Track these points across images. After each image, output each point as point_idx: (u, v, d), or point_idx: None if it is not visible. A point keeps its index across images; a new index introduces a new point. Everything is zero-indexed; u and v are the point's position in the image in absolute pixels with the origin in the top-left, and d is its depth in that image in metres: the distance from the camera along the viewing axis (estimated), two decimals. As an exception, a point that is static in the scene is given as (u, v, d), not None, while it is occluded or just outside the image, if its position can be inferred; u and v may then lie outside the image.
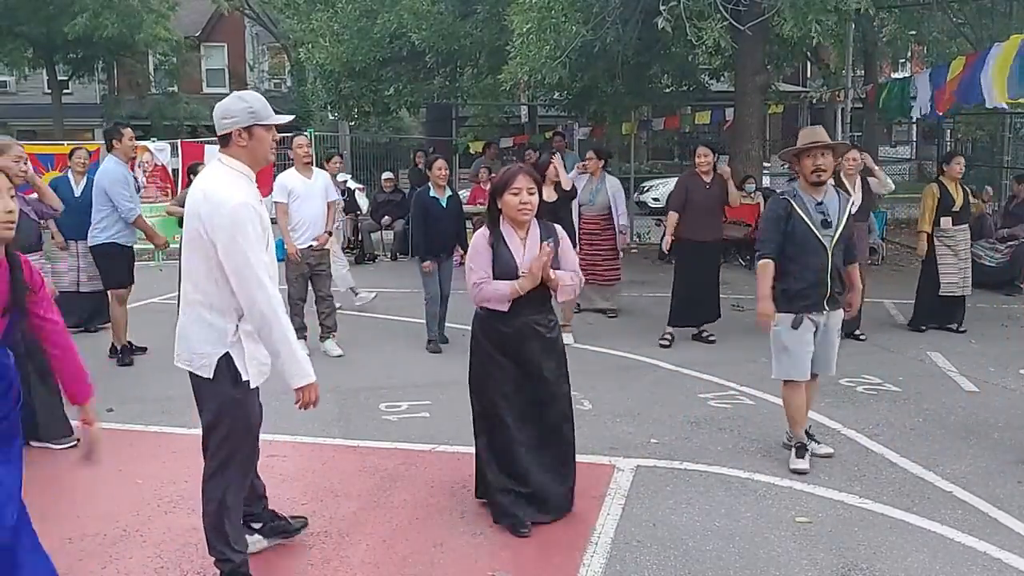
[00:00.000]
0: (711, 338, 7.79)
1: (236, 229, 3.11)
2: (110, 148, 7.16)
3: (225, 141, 3.32)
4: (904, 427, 5.47)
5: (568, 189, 7.87)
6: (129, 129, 7.36)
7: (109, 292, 7.27)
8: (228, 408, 3.34)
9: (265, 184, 13.49)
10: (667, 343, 7.68)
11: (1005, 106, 8.86)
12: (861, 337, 7.79)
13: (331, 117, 22.07)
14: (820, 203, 4.66)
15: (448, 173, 7.72)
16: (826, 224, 4.64)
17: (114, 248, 7.06)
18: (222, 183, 3.22)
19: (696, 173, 7.68)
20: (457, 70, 14.39)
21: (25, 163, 5.43)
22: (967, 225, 8.20)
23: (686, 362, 7.05)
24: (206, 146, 13.71)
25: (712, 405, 5.94)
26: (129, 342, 7.30)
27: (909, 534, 3.95)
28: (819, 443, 4.98)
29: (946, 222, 7.98)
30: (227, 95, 3.42)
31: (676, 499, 4.33)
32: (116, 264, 7.12)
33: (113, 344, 7.26)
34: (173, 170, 13.89)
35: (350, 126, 20.18)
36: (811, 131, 4.86)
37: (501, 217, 4.01)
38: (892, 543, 3.86)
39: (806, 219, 4.65)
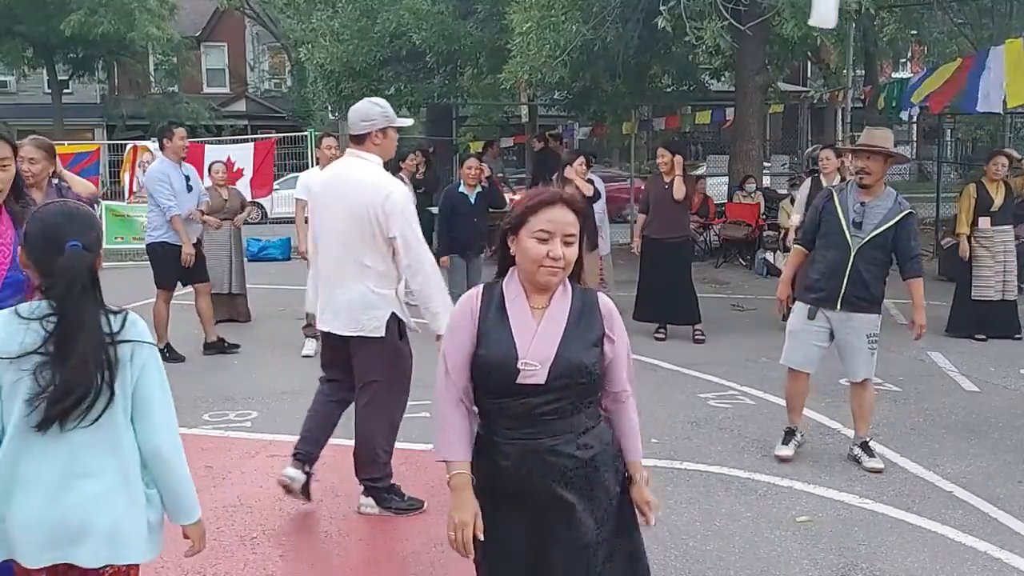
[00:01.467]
0: (699, 337, 7.81)
1: (406, 209, 3.81)
2: (162, 148, 7.22)
3: (361, 140, 3.92)
4: (904, 427, 5.47)
5: (590, 195, 7.96)
6: (181, 128, 7.38)
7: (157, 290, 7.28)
8: (397, 357, 4.01)
9: (265, 185, 13.53)
10: (662, 336, 7.95)
11: (1000, 110, 8.79)
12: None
13: (331, 117, 22.07)
14: (861, 204, 4.63)
15: (480, 172, 7.82)
16: (858, 225, 4.62)
17: (163, 247, 7.05)
18: (378, 174, 3.89)
19: (660, 174, 7.95)
20: (457, 70, 14.39)
21: (31, 163, 5.24)
22: (1010, 227, 7.93)
23: (686, 362, 7.05)
24: (206, 146, 13.71)
25: (712, 405, 5.94)
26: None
27: (909, 534, 3.95)
28: (871, 456, 4.79)
29: (984, 222, 7.81)
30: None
31: (676, 499, 4.33)
32: (162, 262, 7.11)
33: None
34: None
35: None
36: (867, 132, 4.85)
37: (512, 269, 2.32)
38: (892, 543, 3.86)
39: (840, 214, 4.67)
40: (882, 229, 4.58)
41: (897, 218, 4.58)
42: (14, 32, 21.32)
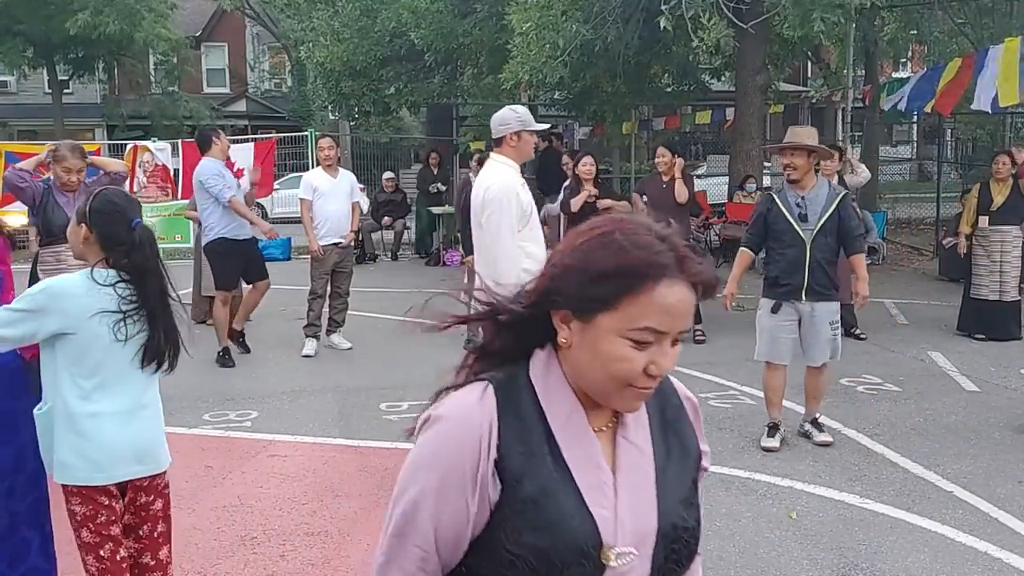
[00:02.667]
0: (700, 337, 7.81)
1: (495, 205, 4.22)
2: (206, 149, 7.22)
3: (499, 143, 4.37)
4: (905, 427, 5.47)
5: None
6: (222, 132, 7.57)
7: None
8: None
9: (266, 185, 13.56)
10: None
11: (1007, 108, 8.85)
12: (861, 336, 7.79)
13: (332, 117, 22.08)
14: (801, 198, 4.96)
15: None
16: (803, 218, 4.93)
17: (222, 244, 7.03)
18: (489, 172, 4.37)
19: (658, 174, 7.97)
20: (457, 70, 14.40)
21: (79, 173, 5.34)
22: (1013, 227, 7.82)
23: (686, 362, 7.05)
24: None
25: (712, 405, 5.95)
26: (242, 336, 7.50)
27: (909, 534, 3.95)
28: (821, 431, 5.15)
29: (982, 221, 7.83)
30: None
31: (676, 499, 4.33)
32: (222, 261, 7.09)
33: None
34: (174, 170, 13.88)
35: (351, 126, 20.18)
36: (790, 131, 5.13)
37: (550, 355, 1.26)
38: (892, 543, 3.86)
39: (786, 213, 4.96)
40: (827, 215, 4.92)
41: (836, 202, 4.96)
42: (15, 32, 21.31)
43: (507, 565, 1.18)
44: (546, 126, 4.74)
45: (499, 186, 4.23)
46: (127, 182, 13.50)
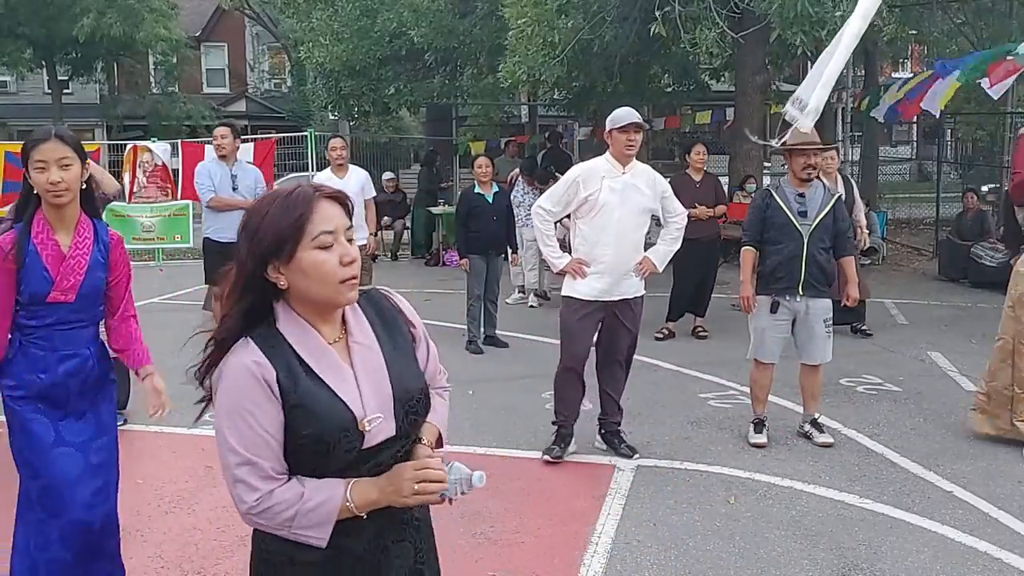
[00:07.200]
0: (703, 333, 7.83)
1: None
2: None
3: None
4: (904, 427, 5.47)
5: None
6: (221, 128, 7.40)
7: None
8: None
9: (265, 185, 13.51)
10: (661, 336, 7.90)
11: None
12: (868, 333, 7.81)
13: (331, 117, 22.10)
14: (801, 195, 5.02)
15: (491, 170, 7.73)
16: (803, 214, 4.98)
17: (207, 243, 7.15)
18: None
19: (687, 173, 7.96)
20: (457, 69, 14.40)
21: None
22: None
23: (686, 362, 7.05)
24: (206, 146, 13.71)
25: (712, 405, 5.94)
26: None
27: (909, 534, 3.95)
28: (821, 432, 5.15)
29: None
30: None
31: (676, 499, 4.33)
32: (208, 260, 7.21)
33: None
34: (173, 170, 13.87)
35: (350, 126, 20.19)
36: (808, 133, 5.01)
37: (282, 305, 1.75)
38: (892, 543, 3.86)
39: (784, 208, 5.00)
40: (824, 213, 5.00)
41: (832, 202, 5.03)
42: (16, 34, 21.31)
43: (298, 453, 1.68)
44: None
45: None
46: (128, 182, 13.55)
